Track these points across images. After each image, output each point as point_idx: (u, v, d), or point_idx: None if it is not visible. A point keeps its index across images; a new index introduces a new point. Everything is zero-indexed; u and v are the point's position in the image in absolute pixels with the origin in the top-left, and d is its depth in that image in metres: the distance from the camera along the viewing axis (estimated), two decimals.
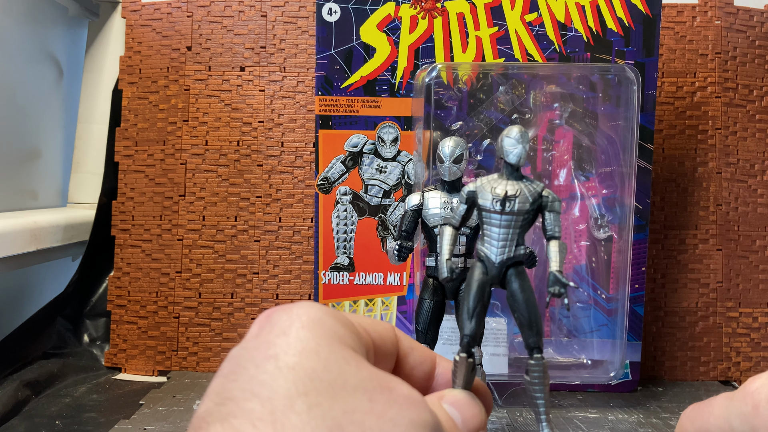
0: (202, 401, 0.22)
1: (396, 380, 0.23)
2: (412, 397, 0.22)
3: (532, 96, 0.63)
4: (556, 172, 0.64)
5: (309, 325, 0.23)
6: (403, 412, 0.21)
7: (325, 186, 0.65)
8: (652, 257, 0.72)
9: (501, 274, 0.34)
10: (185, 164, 0.73)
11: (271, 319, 0.24)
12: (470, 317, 0.33)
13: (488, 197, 0.35)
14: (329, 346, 0.22)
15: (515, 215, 0.34)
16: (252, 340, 0.23)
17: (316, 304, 0.24)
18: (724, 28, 0.73)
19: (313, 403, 0.20)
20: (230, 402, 0.21)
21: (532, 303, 0.34)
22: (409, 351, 0.28)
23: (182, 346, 0.72)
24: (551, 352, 0.65)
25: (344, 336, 0.24)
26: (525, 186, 0.35)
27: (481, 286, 0.34)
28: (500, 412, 0.59)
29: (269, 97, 0.73)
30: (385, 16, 0.63)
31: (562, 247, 0.35)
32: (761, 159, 0.73)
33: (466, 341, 0.32)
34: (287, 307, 0.24)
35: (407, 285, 0.64)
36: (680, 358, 0.71)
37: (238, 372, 0.22)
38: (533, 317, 0.34)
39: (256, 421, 0.20)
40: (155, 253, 0.73)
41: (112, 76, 0.78)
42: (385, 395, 0.22)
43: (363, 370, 0.22)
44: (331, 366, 0.22)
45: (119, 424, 0.55)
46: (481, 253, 0.35)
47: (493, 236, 0.34)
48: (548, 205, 0.35)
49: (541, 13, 0.63)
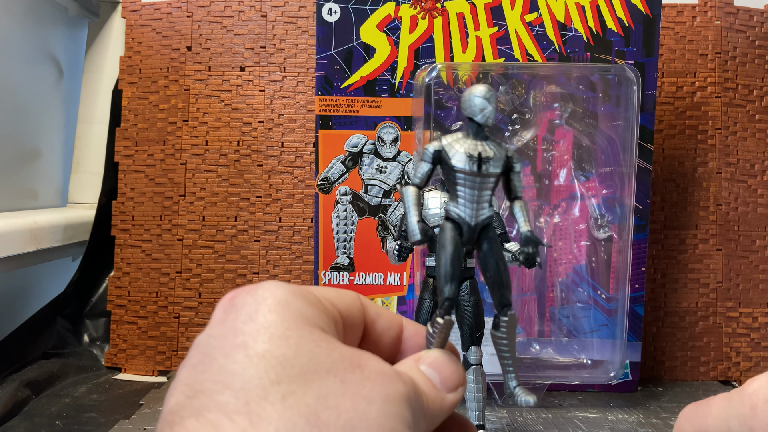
0: (170, 392, 0.22)
1: (366, 356, 0.23)
2: (384, 372, 0.22)
3: (532, 96, 0.63)
4: (556, 172, 0.64)
5: (276, 308, 0.22)
6: (376, 389, 0.21)
7: (325, 186, 0.65)
8: (652, 257, 0.72)
9: (475, 235, 0.35)
10: (185, 164, 0.73)
11: (235, 303, 0.23)
12: (448, 280, 0.33)
13: (462, 158, 0.34)
14: (298, 329, 0.22)
15: (491, 176, 0.34)
16: (217, 326, 0.23)
17: (281, 284, 0.24)
18: (724, 28, 0.73)
19: (287, 392, 0.20)
20: (202, 395, 0.20)
21: (503, 262, 0.34)
22: (376, 318, 0.28)
23: (182, 346, 0.72)
24: (551, 352, 0.65)
25: (312, 316, 0.23)
26: (495, 146, 0.35)
27: (456, 247, 0.34)
28: (500, 412, 0.59)
29: (269, 97, 0.73)
30: (385, 16, 0.63)
31: (526, 205, 0.36)
32: (761, 159, 0.73)
33: (448, 304, 0.32)
34: (251, 288, 0.24)
35: (407, 285, 0.64)
36: (680, 358, 0.71)
37: (206, 362, 0.21)
38: (505, 275, 0.34)
39: (232, 414, 0.19)
40: (155, 253, 0.73)
41: (112, 76, 0.78)
42: (357, 374, 0.22)
43: (334, 351, 0.22)
44: (301, 350, 0.21)
45: (119, 424, 0.55)
46: (453, 215, 0.35)
47: (467, 197, 0.34)
48: (513, 167, 0.35)
49: (541, 13, 0.63)
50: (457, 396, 0.27)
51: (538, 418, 0.58)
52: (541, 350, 0.65)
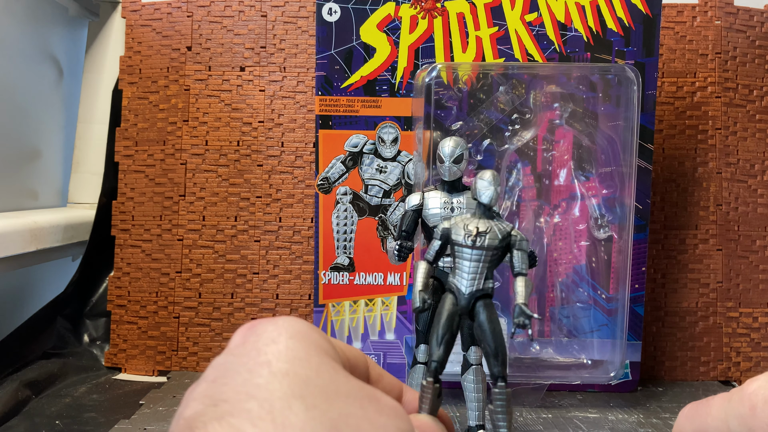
0: (185, 405, 0.22)
1: (380, 392, 0.24)
2: (397, 409, 0.24)
3: (532, 96, 0.63)
4: (556, 172, 0.64)
5: (296, 336, 0.24)
6: (391, 421, 0.22)
7: (325, 186, 0.65)
8: (652, 257, 0.72)
9: (470, 305, 0.37)
10: (185, 164, 0.73)
11: (256, 330, 0.24)
12: (439, 344, 0.35)
13: (461, 233, 0.37)
14: (318, 356, 0.23)
15: (485, 250, 0.37)
16: (238, 348, 0.24)
17: (298, 318, 0.25)
18: (724, 28, 0.73)
19: (310, 405, 0.21)
20: (224, 403, 0.21)
21: (498, 334, 0.37)
22: (378, 378, 0.30)
23: (182, 346, 0.72)
24: (551, 352, 0.65)
25: (329, 349, 0.24)
26: (496, 224, 0.38)
27: (450, 315, 0.36)
28: None
29: (269, 97, 0.73)
30: (385, 16, 0.63)
31: (527, 283, 0.37)
32: (761, 159, 0.73)
33: (434, 367, 0.34)
34: (271, 319, 0.25)
35: (407, 285, 0.64)
36: (680, 358, 0.71)
37: (228, 376, 0.22)
38: (499, 347, 0.36)
39: (256, 420, 0.20)
40: (155, 253, 0.73)
41: (112, 76, 0.78)
42: (374, 404, 0.23)
43: (351, 380, 0.23)
44: (322, 374, 0.22)
45: (119, 424, 0.55)
46: (452, 285, 0.38)
47: (464, 269, 0.37)
48: (516, 244, 0.38)
49: (541, 13, 0.63)
50: None
51: (538, 418, 0.58)
52: (541, 350, 0.65)
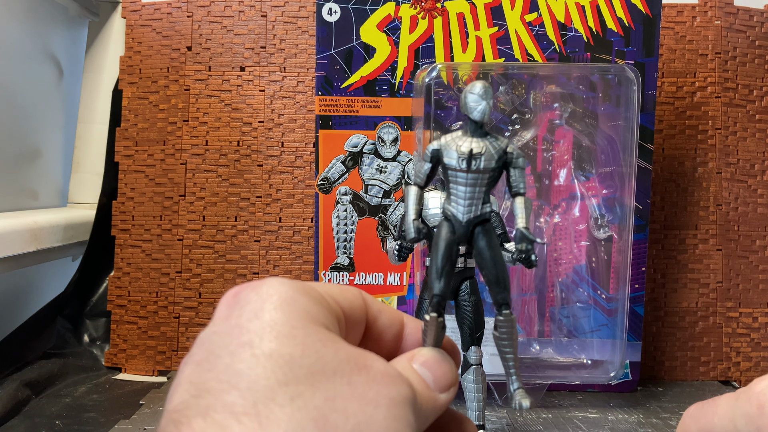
0: (174, 389, 0.21)
1: (371, 357, 0.23)
2: (389, 374, 0.23)
3: (532, 96, 0.63)
4: (556, 172, 0.64)
5: (281, 305, 0.22)
6: (382, 391, 0.22)
7: (325, 186, 0.65)
8: (652, 257, 0.72)
9: (468, 232, 0.34)
10: (185, 164, 0.73)
11: (239, 299, 0.23)
12: (439, 276, 0.32)
13: (453, 155, 0.34)
14: (304, 328, 0.22)
15: (481, 173, 0.34)
16: (221, 322, 0.23)
17: (285, 280, 0.24)
18: (724, 28, 0.73)
19: (295, 393, 0.20)
20: (208, 394, 0.20)
21: (499, 259, 0.34)
22: (378, 314, 0.28)
23: (182, 346, 0.72)
24: (551, 352, 0.65)
25: (317, 314, 0.23)
26: (490, 143, 0.34)
27: (449, 245, 0.34)
28: (500, 412, 0.59)
29: (269, 97, 0.73)
30: (385, 16, 0.63)
31: (527, 203, 0.35)
32: (761, 159, 0.73)
33: (436, 300, 0.31)
34: (255, 284, 0.23)
35: (407, 285, 0.64)
36: (680, 358, 0.71)
37: (211, 360, 0.21)
38: (501, 273, 0.34)
39: (240, 415, 0.19)
40: (155, 253, 0.73)
41: (112, 76, 0.78)
42: (363, 375, 0.22)
43: (340, 351, 0.22)
44: (308, 350, 0.21)
45: (119, 424, 0.55)
46: (447, 212, 0.34)
47: (460, 195, 0.34)
48: (513, 161, 0.34)
49: (541, 13, 0.63)
50: (449, 396, 0.27)
51: (538, 418, 0.58)
52: (541, 350, 0.65)
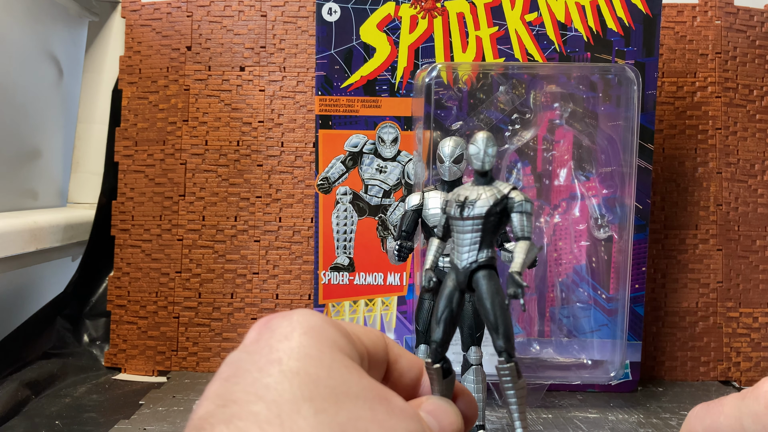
0: (199, 403, 0.22)
1: (391, 392, 0.24)
2: (407, 410, 0.23)
3: (532, 96, 0.63)
4: (556, 172, 0.64)
5: (310, 332, 0.23)
6: (401, 423, 0.22)
7: (325, 186, 0.65)
8: (652, 257, 0.72)
9: (467, 279, 0.34)
10: (185, 164, 0.73)
11: (270, 325, 0.24)
12: (437, 323, 0.33)
13: (452, 204, 0.35)
14: (331, 353, 0.23)
15: (474, 219, 0.34)
16: (252, 344, 0.23)
17: (314, 312, 0.25)
18: (724, 28, 0.73)
19: (319, 409, 0.20)
20: (233, 404, 0.21)
21: (498, 306, 0.33)
22: (398, 358, 0.29)
23: (182, 346, 0.72)
24: (551, 352, 0.64)
25: (343, 345, 0.24)
26: (488, 190, 0.34)
27: (450, 292, 0.34)
28: (500, 412, 0.59)
29: (269, 97, 0.73)
30: (385, 16, 0.63)
31: (529, 247, 0.34)
32: (761, 159, 0.73)
33: (433, 347, 0.32)
34: (286, 314, 0.24)
35: (407, 285, 0.64)
36: (680, 358, 0.71)
37: (239, 375, 0.22)
38: (500, 320, 0.33)
39: (264, 423, 0.20)
40: (155, 253, 0.73)
41: (112, 76, 0.78)
42: (384, 405, 0.22)
43: (363, 379, 0.23)
44: (333, 373, 0.22)
45: (119, 424, 0.55)
46: (452, 261, 0.35)
47: (458, 242, 0.35)
48: (514, 207, 0.35)
49: (541, 13, 0.63)
50: None
51: (538, 418, 0.58)
52: (541, 350, 0.65)
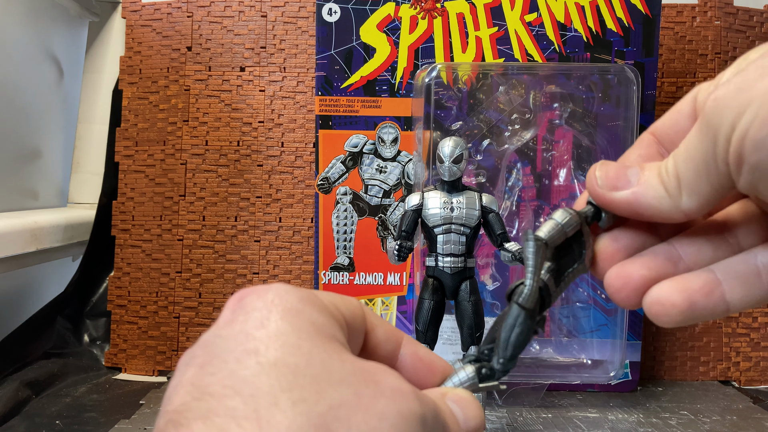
0: (174, 390, 0.21)
1: (382, 371, 0.22)
2: (400, 389, 0.22)
3: (532, 96, 0.63)
4: (556, 172, 0.64)
5: (287, 315, 0.22)
6: (390, 405, 0.21)
7: (325, 186, 0.65)
8: None
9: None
10: (185, 164, 0.73)
11: (244, 305, 0.23)
12: None
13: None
14: (310, 339, 0.22)
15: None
16: (226, 326, 0.22)
17: (290, 288, 0.23)
18: (724, 28, 0.73)
19: (298, 399, 0.20)
20: (210, 398, 0.20)
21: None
22: (374, 327, 0.28)
23: (182, 346, 0.72)
24: (551, 352, 0.65)
25: (323, 325, 0.23)
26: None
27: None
28: (500, 411, 0.59)
29: (269, 97, 0.73)
30: (385, 16, 0.63)
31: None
32: None
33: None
34: (261, 290, 0.23)
35: (407, 285, 0.64)
36: (680, 358, 0.71)
37: (215, 364, 0.21)
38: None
39: (241, 419, 0.19)
40: (155, 253, 0.73)
41: (112, 76, 0.78)
42: (371, 388, 0.21)
43: (347, 362, 0.22)
44: (314, 360, 0.21)
45: (119, 424, 0.55)
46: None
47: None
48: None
49: (540, 13, 0.63)
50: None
51: (538, 418, 0.58)
52: (541, 350, 0.65)
